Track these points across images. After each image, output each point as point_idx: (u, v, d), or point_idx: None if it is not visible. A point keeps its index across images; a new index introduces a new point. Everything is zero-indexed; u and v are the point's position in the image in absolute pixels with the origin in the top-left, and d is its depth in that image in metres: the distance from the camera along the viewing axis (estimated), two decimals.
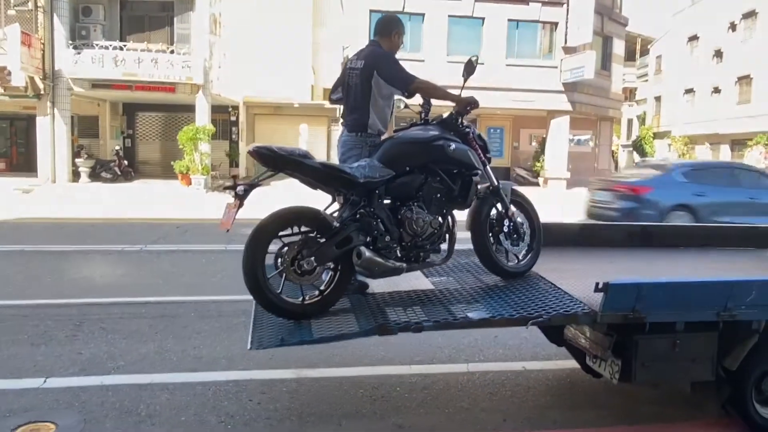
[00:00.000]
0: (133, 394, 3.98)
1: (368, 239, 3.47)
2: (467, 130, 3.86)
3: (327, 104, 23.29)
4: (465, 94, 3.79)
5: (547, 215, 4.68)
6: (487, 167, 3.92)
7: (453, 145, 3.68)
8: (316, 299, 3.43)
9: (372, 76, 3.78)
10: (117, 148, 21.79)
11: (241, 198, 3.22)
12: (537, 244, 4.10)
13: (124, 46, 18.97)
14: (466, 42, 21.98)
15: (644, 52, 44.20)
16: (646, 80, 44.03)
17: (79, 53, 18.66)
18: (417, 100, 3.99)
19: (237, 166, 23.73)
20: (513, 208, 4.01)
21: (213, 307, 5.92)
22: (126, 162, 21.38)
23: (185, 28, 20.37)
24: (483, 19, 22.67)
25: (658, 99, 40.71)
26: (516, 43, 22.89)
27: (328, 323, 3.29)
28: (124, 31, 20.41)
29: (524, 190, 4.32)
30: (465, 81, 3.85)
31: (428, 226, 3.61)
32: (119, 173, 20.69)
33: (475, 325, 3.35)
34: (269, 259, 3.30)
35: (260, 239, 3.26)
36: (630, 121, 46.18)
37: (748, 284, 3.33)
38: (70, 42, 18.92)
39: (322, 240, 3.37)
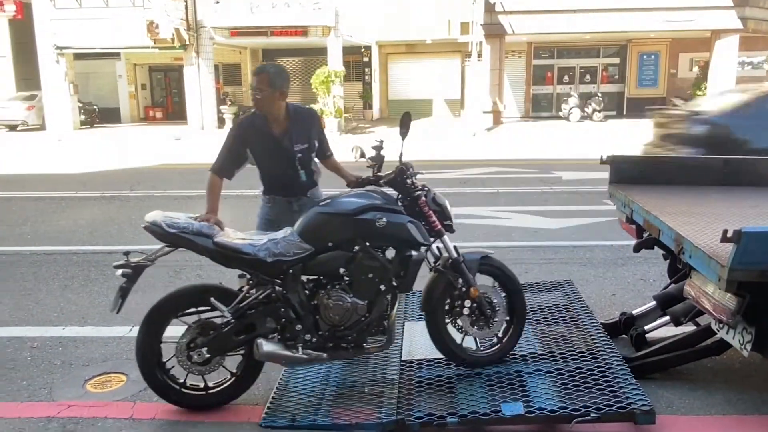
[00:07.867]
0: None
1: (278, 326, 3.03)
2: (418, 192, 3.16)
3: (460, 38, 22.37)
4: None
5: None
6: (445, 237, 3.20)
7: (385, 219, 2.99)
8: (225, 385, 3.11)
9: None
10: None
11: (129, 280, 2.91)
12: (519, 321, 3.34)
13: None
14: None
15: None
16: None
17: (218, 2, 19.33)
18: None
19: (371, 108, 23.68)
20: (481, 283, 3.26)
21: None
22: None
23: None
24: None
25: None
26: None
27: (350, 401, 3.04)
28: None
29: None
30: (403, 140, 3.20)
31: (352, 313, 3.01)
32: None
33: (510, 422, 2.83)
34: None
35: (154, 320, 3.01)
36: None
37: None
38: None
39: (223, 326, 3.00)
